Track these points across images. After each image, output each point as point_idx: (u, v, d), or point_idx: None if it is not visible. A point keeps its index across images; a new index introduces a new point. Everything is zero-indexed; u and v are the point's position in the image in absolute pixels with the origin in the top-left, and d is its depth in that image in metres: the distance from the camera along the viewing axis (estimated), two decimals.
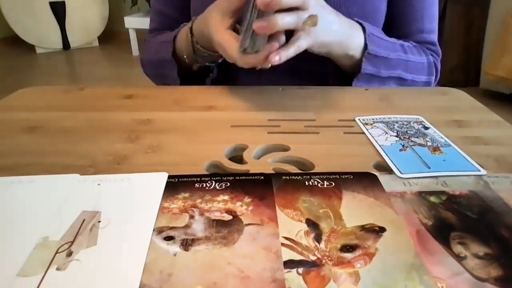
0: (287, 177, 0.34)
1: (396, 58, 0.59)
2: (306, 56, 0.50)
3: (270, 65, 0.47)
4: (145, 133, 0.43)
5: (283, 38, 0.47)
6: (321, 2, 0.51)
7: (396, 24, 0.65)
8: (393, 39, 0.61)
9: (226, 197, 0.31)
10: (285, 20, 0.46)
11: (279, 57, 0.47)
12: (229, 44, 0.48)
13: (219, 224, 0.29)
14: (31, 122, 0.46)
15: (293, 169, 0.36)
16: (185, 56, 0.60)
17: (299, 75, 0.62)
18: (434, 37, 0.67)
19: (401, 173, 0.35)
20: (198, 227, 0.28)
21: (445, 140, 0.41)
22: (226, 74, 0.65)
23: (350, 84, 0.58)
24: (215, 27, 0.49)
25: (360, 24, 0.57)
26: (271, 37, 0.46)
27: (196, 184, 0.33)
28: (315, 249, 0.26)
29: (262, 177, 0.34)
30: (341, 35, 0.53)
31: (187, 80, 0.63)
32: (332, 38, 0.52)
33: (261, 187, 0.33)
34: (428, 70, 0.63)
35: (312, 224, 0.28)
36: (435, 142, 0.41)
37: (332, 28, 0.52)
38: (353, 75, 0.58)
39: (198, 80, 0.64)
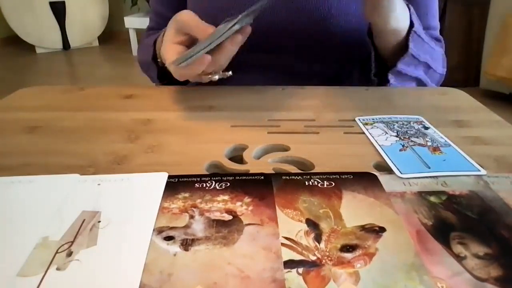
0: (287, 177, 0.34)
1: (427, 42, 0.58)
2: (306, 56, 0.50)
3: (217, 78, 0.46)
4: (145, 133, 0.43)
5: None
6: None
7: None
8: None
9: (226, 197, 0.31)
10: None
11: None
12: (168, 56, 0.47)
13: (219, 224, 0.29)
14: (31, 122, 0.46)
15: (293, 169, 0.36)
16: (159, 60, 0.59)
17: (299, 75, 0.62)
18: (438, 33, 0.67)
19: (401, 173, 0.35)
20: (198, 227, 0.28)
21: (445, 140, 0.41)
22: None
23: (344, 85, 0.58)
24: (166, 37, 0.49)
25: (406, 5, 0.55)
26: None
27: (196, 184, 0.33)
28: (315, 249, 0.26)
29: (262, 177, 0.34)
30: (398, 9, 0.51)
31: (172, 82, 0.62)
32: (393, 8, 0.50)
33: (261, 187, 0.33)
34: (443, 62, 0.63)
35: (312, 224, 0.28)
36: (435, 142, 0.41)
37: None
38: (390, 59, 0.56)
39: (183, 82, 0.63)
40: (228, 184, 0.33)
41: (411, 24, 0.54)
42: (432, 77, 0.61)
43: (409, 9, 0.54)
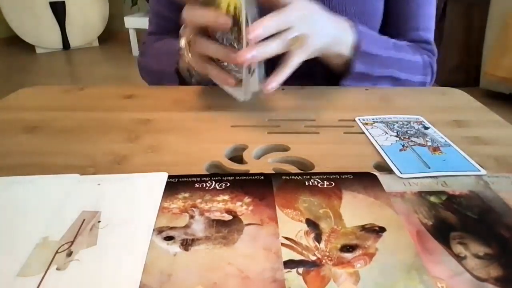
0: (287, 177, 0.34)
1: (389, 56, 0.58)
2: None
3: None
4: (145, 133, 0.43)
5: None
6: (307, 5, 0.49)
7: (392, 22, 0.65)
8: (386, 37, 0.60)
9: (226, 197, 0.31)
10: (270, 48, 0.44)
11: (274, 84, 0.46)
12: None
13: (219, 224, 0.29)
14: (31, 122, 0.46)
15: (293, 169, 0.36)
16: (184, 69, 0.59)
17: (299, 75, 0.62)
18: (430, 35, 0.66)
19: (401, 173, 0.35)
20: (198, 227, 0.28)
21: (445, 140, 0.41)
22: None
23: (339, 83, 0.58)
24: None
25: (351, 22, 0.56)
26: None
27: (196, 184, 0.33)
28: (315, 249, 0.26)
29: (262, 177, 0.34)
30: (333, 35, 0.52)
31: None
32: (324, 42, 0.51)
33: (261, 187, 0.33)
34: (423, 70, 0.63)
35: (312, 224, 0.28)
36: (435, 142, 0.41)
37: (324, 32, 0.51)
38: (342, 75, 0.57)
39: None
40: (228, 184, 0.33)
41: (358, 45, 0.55)
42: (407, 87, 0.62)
43: (358, 28, 0.55)
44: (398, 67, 0.59)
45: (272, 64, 0.47)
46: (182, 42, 0.49)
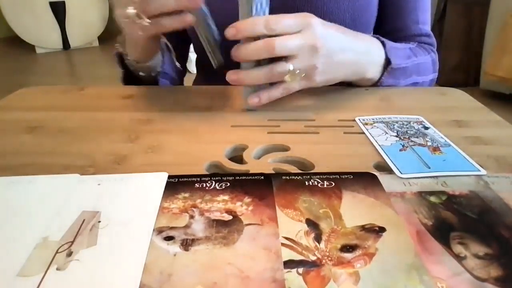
0: (287, 177, 0.34)
1: (411, 65, 0.58)
2: None
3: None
4: (145, 133, 0.43)
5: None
6: (324, 32, 0.46)
7: (390, 16, 0.65)
8: (402, 45, 0.61)
9: (226, 197, 0.31)
10: (255, 77, 0.44)
11: (258, 99, 0.46)
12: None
13: (219, 224, 0.29)
14: (31, 122, 0.46)
15: (293, 169, 0.36)
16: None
17: None
18: (428, 28, 0.67)
19: (401, 173, 0.35)
20: (198, 227, 0.28)
21: (445, 140, 0.41)
22: (215, 73, 0.65)
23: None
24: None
25: (377, 38, 0.56)
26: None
27: (196, 184, 0.33)
28: (315, 249, 0.26)
29: (262, 177, 0.34)
30: (356, 62, 0.52)
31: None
32: (343, 72, 0.51)
33: (261, 187, 0.33)
34: (433, 67, 0.64)
35: (312, 224, 0.28)
36: (435, 142, 0.41)
37: (341, 68, 0.50)
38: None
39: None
40: (228, 184, 0.33)
41: (388, 61, 0.55)
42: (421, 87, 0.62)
43: (384, 46, 0.55)
44: (417, 72, 0.60)
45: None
46: (130, 10, 0.45)
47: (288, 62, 0.44)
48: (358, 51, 0.52)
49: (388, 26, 0.66)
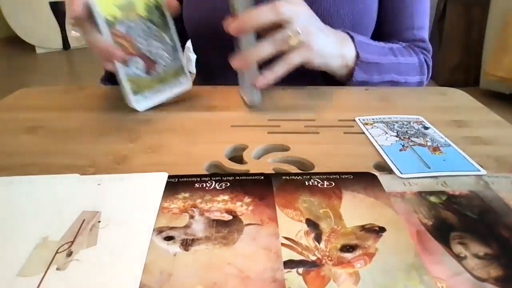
0: (287, 177, 0.34)
1: (387, 62, 0.59)
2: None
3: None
4: (145, 133, 0.43)
5: None
6: (306, 10, 0.49)
7: (387, 21, 0.65)
8: (381, 43, 0.61)
9: (226, 197, 0.31)
10: (264, 50, 0.45)
11: (265, 80, 0.46)
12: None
13: (219, 224, 0.29)
14: (31, 122, 0.46)
15: (293, 169, 0.36)
16: None
17: (298, 75, 0.62)
18: (425, 33, 0.67)
19: (401, 173, 0.35)
20: (198, 227, 0.28)
21: (445, 140, 0.41)
22: (215, 74, 0.65)
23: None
24: None
25: (347, 33, 0.57)
26: None
27: (196, 184, 0.33)
28: (315, 249, 0.26)
29: (262, 177, 0.34)
30: (335, 44, 0.53)
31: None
32: (328, 48, 0.51)
33: (261, 187, 0.33)
34: (420, 69, 0.63)
35: (312, 224, 0.28)
36: (435, 142, 0.41)
37: (325, 36, 0.51)
38: (344, 83, 0.58)
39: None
40: (228, 184, 0.33)
41: (357, 55, 0.55)
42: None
43: (354, 39, 0.55)
44: (396, 71, 0.60)
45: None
46: (74, 33, 0.47)
47: (286, 29, 0.45)
48: (331, 32, 0.53)
49: (383, 30, 0.66)
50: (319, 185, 0.33)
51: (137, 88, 0.47)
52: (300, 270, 0.24)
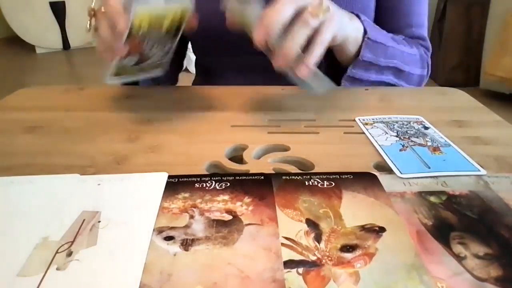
0: (287, 177, 0.34)
1: (392, 46, 0.58)
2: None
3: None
4: (145, 133, 0.43)
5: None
6: None
7: (385, 20, 0.65)
8: (384, 31, 0.60)
9: (226, 197, 0.31)
10: (299, 37, 0.42)
11: (306, 68, 0.43)
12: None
13: (219, 224, 0.29)
14: (31, 122, 0.46)
15: (293, 169, 0.36)
16: None
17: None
18: (423, 31, 0.66)
19: (401, 173, 0.35)
20: (198, 227, 0.28)
21: (445, 140, 0.41)
22: (215, 75, 0.65)
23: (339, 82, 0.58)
24: None
25: (351, 12, 0.55)
26: None
27: (196, 184, 0.33)
28: (315, 249, 0.26)
29: (262, 177, 0.34)
30: (347, 17, 0.51)
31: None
32: (345, 21, 0.50)
33: (261, 187, 0.33)
34: (421, 62, 0.63)
35: (312, 224, 0.28)
36: (435, 142, 0.41)
37: (338, 9, 0.48)
38: (347, 69, 0.57)
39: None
40: (228, 184, 0.33)
41: (365, 32, 0.54)
42: (408, 80, 0.61)
43: (360, 18, 0.54)
44: (401, 58, 0.59)
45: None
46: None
47: (307, 8, 0.43)
48: (343, 10, 0.51)
49: (382, 28, 0.66)
50: (319, 185, 0.33)
51: (118, 71, 0.47)
52: (300, 270, 0.24)
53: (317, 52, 0.44)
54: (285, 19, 0.43)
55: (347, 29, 0.51)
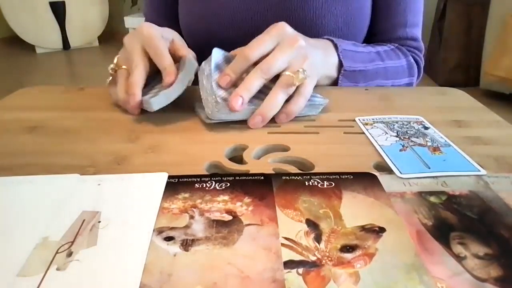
0: (287, 177, 0.34)
1: (373, 68, 0.59)
2: None
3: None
4: (145, 133, 0.43)
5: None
6: (289, 33, 0.45)
7: (379, 18, 0.65)
8: (369, 48, 0.61)
9: (226, 197, 0.31)
10: (278, 101, 0.43)
11: (285, 116, 0.44)
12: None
13: (219, 224, 0.29)
14: (31, 122, 0.46)
15: (293, 169, 0.36)
16: None
17: None
18: (417, 31, 0.66)
19: (401, 173, 0.35)
20: (198, 228, 0.28)
21: (445, 140, 0.41)
22: None
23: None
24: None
25: (331, 41, 0.56)
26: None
27: (196, 184, 0.33)
28: (315, 249, 0.26)
29: (262, 177, 0.34)
30: (321, 58, 0.52)
31: None
32: (320, 64, 0.51)
33: (261, 187, 0.33)
34: (409, 71, 0.63)
35: (312, 224, 0.28)
36: (435, 142, 0.41)
37: (316, 55, 0.49)
38: None
39: None
40: (228, 184, 0.33)
41: (341, 64, 0.55)
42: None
43: (337, 48, 0.55)
44: (383, 76, 0.60)
45: None
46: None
47: (287, 71, 0.44)
48: (317, 45, 0.52)
49: (375, 27, 0.66)
50: (319, 185, 0.33)
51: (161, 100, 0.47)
52: (300, 270, 0.24)
53: (299, 104, 0.45)
54: (256, 88, 0.43)
55: (321, 71, 0.52)
